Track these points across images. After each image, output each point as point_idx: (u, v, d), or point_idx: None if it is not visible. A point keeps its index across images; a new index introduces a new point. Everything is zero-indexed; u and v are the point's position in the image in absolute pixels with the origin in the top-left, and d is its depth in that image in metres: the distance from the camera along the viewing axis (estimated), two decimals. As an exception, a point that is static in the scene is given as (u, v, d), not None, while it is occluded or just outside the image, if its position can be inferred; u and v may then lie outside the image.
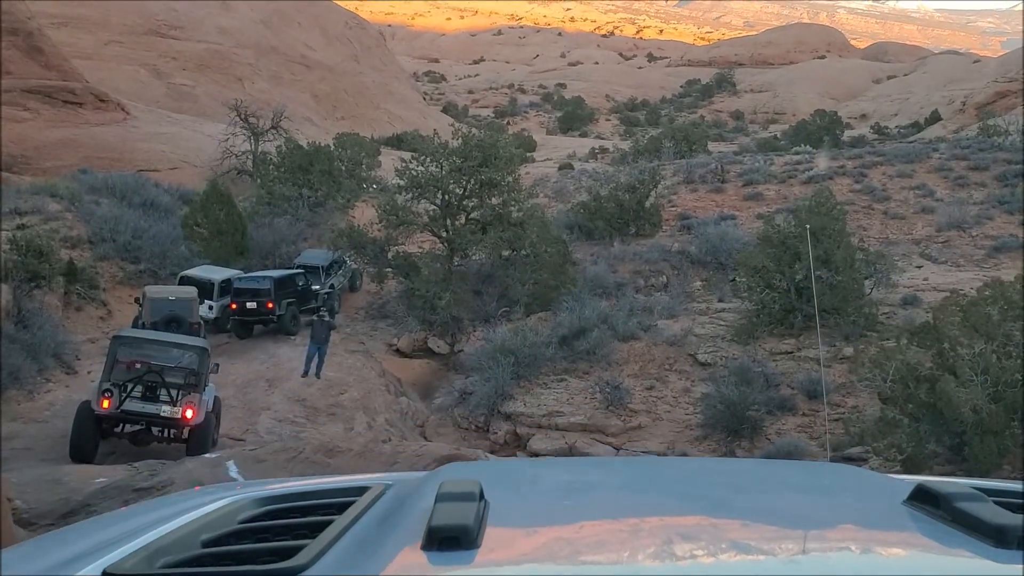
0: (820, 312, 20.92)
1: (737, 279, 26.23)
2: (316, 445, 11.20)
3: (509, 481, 2.30)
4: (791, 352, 20.55)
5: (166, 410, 14.40)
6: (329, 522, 1.78)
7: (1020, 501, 1.99)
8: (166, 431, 14.78)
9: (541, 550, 1.65)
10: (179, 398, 14.49)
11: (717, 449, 17.08)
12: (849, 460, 13.06)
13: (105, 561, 1.61)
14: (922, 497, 1.87)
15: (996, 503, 1.76)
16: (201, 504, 2.07)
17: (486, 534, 1.59)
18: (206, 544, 1.71)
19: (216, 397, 16.16)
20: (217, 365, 16.67)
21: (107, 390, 14.34)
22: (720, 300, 25.50)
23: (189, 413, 14.45)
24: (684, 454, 17.30)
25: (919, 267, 27.19)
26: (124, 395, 14.34)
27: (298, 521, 1.90)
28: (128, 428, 15.15)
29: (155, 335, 16.01)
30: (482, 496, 1.74)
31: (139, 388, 14.46)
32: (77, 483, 9.84)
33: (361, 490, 2.09)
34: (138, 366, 14.74)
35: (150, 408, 14.46)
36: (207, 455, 11.61)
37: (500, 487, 1.98)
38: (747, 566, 1.59)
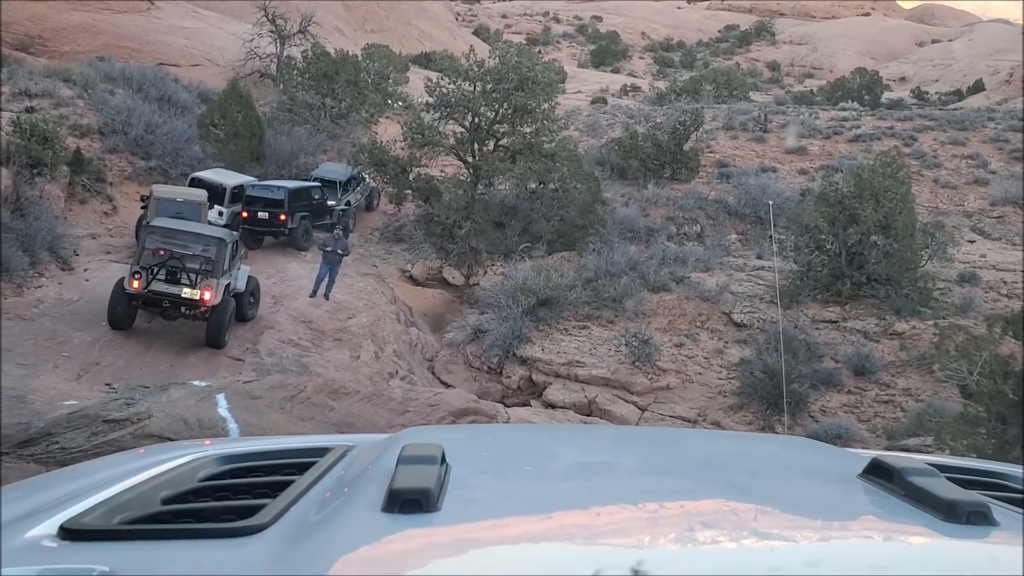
0: (871, 282, 19.57)
1: (774, 235, 24.84)
2: (319, 384, 9.90)
3: (471, 445, 2.28)
4: (836, 321, 19.07)
5: (187, 292, 16.19)
6: (290, 482, 1.80)
7: (972, 477, 2.12)
8: (189, 309, 16.49)
9: (502, 513, 1.64)
10: (198, 282, 16.18)
11: (754, 422, 15.71)
12: (906, 452, 11.72)
13: (62, 516, 1.58)
14: (877, 471, 1.89)
15: (948, 479, 1.80)
16: (161, 461, 2.03)
17: (447, 497, 1.58)
18: (166, 501, 1.72)
19: (250, 277, 18.17)
20: (246, 251, 19.01)
21: (136, 272, 16.24)
22: (759, 257, 23.96)
23: (207, 295, 16.17)
24: (716, 423, 15.99)
25: (971, 242, 25.55)
26: (151, 277, 16.16)
27: (259, 480, 1.91)
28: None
29: (181, 225, 17.45)
30: (444, 460, 1.73)
31: (163, 272, 16.26)
32: (43, 404, 8.57)
33: (323, 451, 2.12)
34: (162, 252, 16.42)
35: (173, 289, 16.25)
36: (197, 383, 10.28)
37: (462, 451, 1.96)
38: (699, 536, 1.55)
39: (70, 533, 1.51)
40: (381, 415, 9.51)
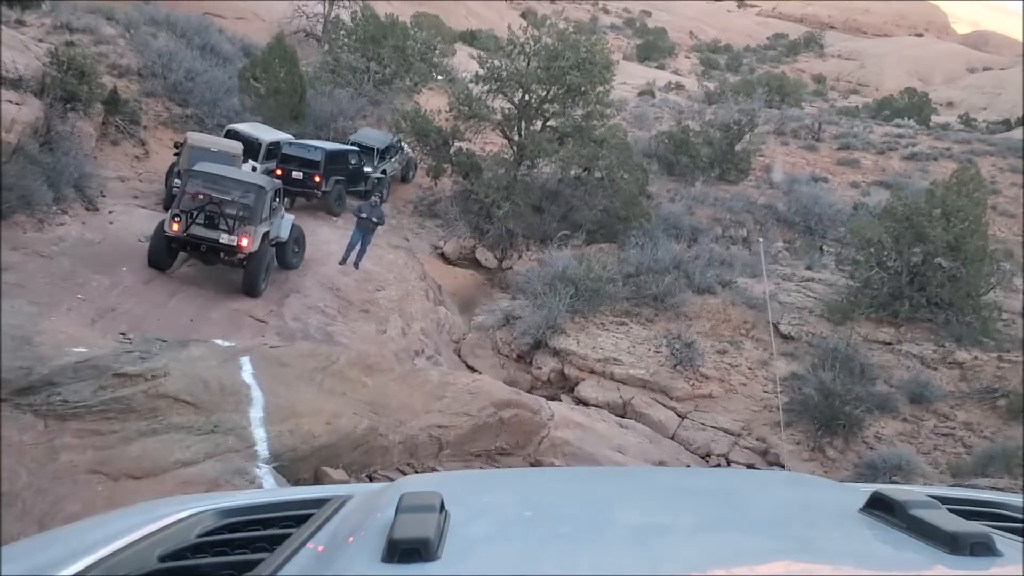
0: (931, 305, 18.51)
1: (825, 248, 23.86)
2: (352, 357, 8.97)
3: (470, 492, 2.23)
4: (890, 344, 18.01)
5: (224, 237, 16.17)
6: (288, 535, 1.80)
7: (974, 508, 2.15)
8: (227, 255, 16.52)
9: (502, 561, 1.61)
10: (236, 228, 16.12)
11: (803, 441, 14.72)
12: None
13: None
14: (878, 505, 1.88)
15: (950, 510, 1.79)
16: (158, 517, 2.00)
17: (447, 546, 1.56)
18: (163, 558, 1.71)
19: (294, 226, 18.17)
20: (289, 200, 19.70)
21: (176, 215, 16.21)
22: (808, 268, 22.90)
23: (244, 242, 16.20)
24: (762, 439, 15.01)
25: (1031, 273, 24.37)
26: (190, 221, 16.12)
27: (256, 534, 1.91)
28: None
29: (222, 171, 17.24)
30: (443, 508, 1.71)
31: (203, 216, 16.20)
32: (49, 348, 7.70)
33: (320, 502, 2.11)
34: (201, 197, 16.30)
35: (211, 234, 16.24)
36: (220, 342, 9.39)
37: (461, 498, 1.92)
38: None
39: None
40: (416, 398, 8.62)
